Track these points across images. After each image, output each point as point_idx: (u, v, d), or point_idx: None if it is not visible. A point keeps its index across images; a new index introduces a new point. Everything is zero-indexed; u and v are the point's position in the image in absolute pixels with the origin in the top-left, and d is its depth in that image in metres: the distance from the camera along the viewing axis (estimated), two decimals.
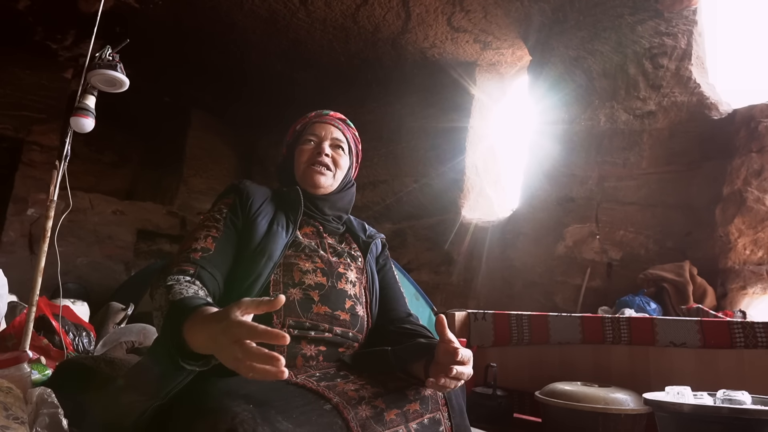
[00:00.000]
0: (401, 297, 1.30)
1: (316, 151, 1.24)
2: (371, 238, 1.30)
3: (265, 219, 1.13)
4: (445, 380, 0.90)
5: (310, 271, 1.11)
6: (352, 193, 1.31)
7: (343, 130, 1.29)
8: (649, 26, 3.72)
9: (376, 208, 5.50)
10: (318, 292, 1.09)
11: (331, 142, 1.26)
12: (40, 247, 2.07)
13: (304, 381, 0.94)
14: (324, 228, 1.23)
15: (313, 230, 1.21)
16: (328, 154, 1.23)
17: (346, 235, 1.29)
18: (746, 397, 1.30)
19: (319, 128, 1.27)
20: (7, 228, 5.15)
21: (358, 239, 1.28)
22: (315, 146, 1.24)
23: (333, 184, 1.25)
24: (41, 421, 1.20)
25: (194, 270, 0.98)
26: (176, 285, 0.92)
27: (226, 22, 4.81)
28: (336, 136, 1.27)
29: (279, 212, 1.16)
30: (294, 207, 1.18)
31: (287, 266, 1.10)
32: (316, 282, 1.10)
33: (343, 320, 1.10)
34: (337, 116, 1.32)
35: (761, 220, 3.05)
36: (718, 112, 3.41)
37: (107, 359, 1.60)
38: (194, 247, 1.04)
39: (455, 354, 0.90)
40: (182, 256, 1.02)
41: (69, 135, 2.12)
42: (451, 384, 0.90)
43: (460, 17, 4.47)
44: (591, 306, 3.51)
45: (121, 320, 3.30)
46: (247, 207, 1.13)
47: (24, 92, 5.33)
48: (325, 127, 1.27)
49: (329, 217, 1.25)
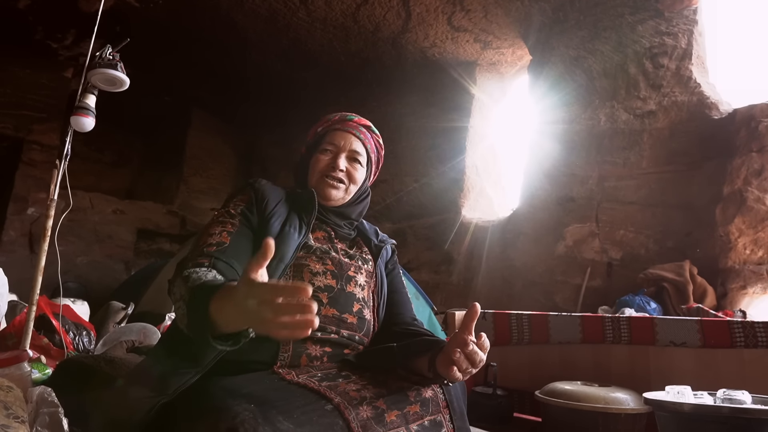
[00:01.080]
0: (408, 302, 1.30)
1: (331, 164, 1.21)
2: (383, 243, 1.29)
3: (279, 220, 1.12)
4: (460, 356, 0.89)
5: (320, 273, 1.11)
6: (365, 203, 1.29)
7: (364, 140, 1.26)
8: (650, 26, 3.71)
9: (377, 207, 5.50)
10: (327, 294, 1.09)
11: (349, 154, 1.23)
12: (40, 247, 2.07)
13: (306, 381, 0.94)
14: (336, 233, 1.22)
15: (325, 235, 1.20)
16: (342, 169, 1.21)
17: (357, 239, 1.28)
18: (746, 396, 1.30)
19: (339, 137, 1.23)
20: (8, 227, 5.15)
21: (370, 243, 1.27)
22: (331, 158, 1.22)
23: (345, 197, 1.23)
24: (41, 420, 1.20)
25: (209, 262, 0.97)
26: (193, 274, 0.91)
27: (226, 22, 4.80)
28: (355, 147, 1.23)
29: (292, 213, 1.15)
30: (308, 209, 1.17)
31: (297, 267, 1.10)
32: (325, 284, 1.10)
33: (351, 323, 1.10)
34: (362, 122, 1.28)
35: (761, 219, 3.05)
36: (718, 112, 3.41)
37: (107, 358, 1.61)
38: (209, 242, 1.03)
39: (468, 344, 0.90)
40: (197, 251, 1.01)
41: (69, 134, 2.11)
42: (463, 364, 0.89)
43: (460, 17, 4.47)
44: (591, 306, 3.51)
45: (121, 319, 3.30)
46: (262, 207, 1.12)
47: (24, 91, 5.33)
48: (345, 137, 1.23)
49: (342, 224, 1.24)
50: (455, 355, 0.89)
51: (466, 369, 0.91)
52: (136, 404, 0.91)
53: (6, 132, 5.25)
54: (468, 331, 0.92)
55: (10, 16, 4.75)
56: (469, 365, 0.90)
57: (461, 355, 0.89)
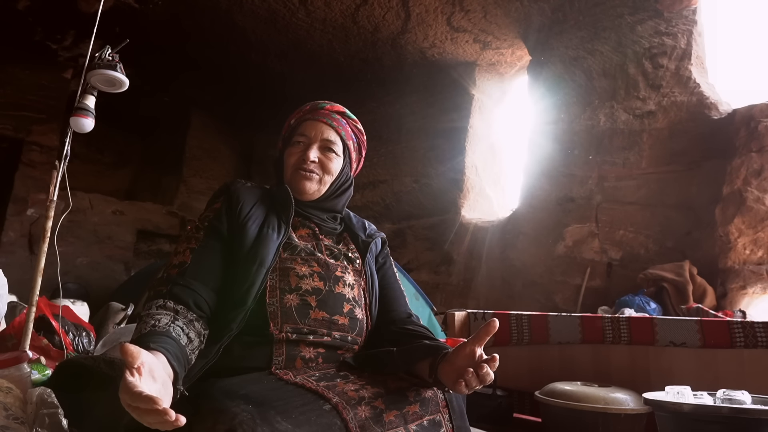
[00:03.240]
0: (402, 296, 1.27)
1: (302, 156, 1.17)
2: (371, 238, 1.25)
3: (256, 223, 1.09)
4: (472, 376, 0.87)
5: (306, 275, 1.08)
6: (347, 194, 1.24)
7: (337, 127, 1.20)
8: (649, 26, 3.72)
9: (376, 208, 5.50)
10: (315, 297, 1.07)
11: (321, 143, 1.18)
12: (39, 248, 2.07)
13: (303, 381, 0.94)
14: (320, 229, 1.19)
15: (309, 232, 1.18)
16: (314, 160, 1.17)
17: (344, 234, 1.25)
18: (746, 396, 1.30)
19: (310, 127, 1.19)
20: (7, 228, 5.15)
21: (357, 239, 1.23)
22: (303, 149, 1.18)
23: (320, 189, 1.19)
24: (41, 421, 1.20)
25: (167, 289, 0.98)
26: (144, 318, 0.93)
27: (226, 23, 4.80)
28: (327, 136, 1.18)
29: (270, 214, 1.13)
30: (285, 207, 1.14)
31: (283, 271, 1.08)
32: (313, 287, 1.08)
33: (342, 324, 1.08)
34: (335, 109, 1.23)
35: (761, 219, 3.05)
36: (717, 112, 3.41)
37: (107, 359, 1.60)
38: (173, 263, 1.04)
39: (475, 357, 0.89)
40: (163, 274, 1.03)
41: (69, 135, 2.11)
42: (473, 382, 0.87)
43: (459, 17, 4.47)
44: (591, 306, 3.51)
45: (121, 320, 3.30)
46: (237, 212, 1.10)
47: (24, 92, 5.33)
48: (317, 126, 1.19)
49: (325, 218, 1.22)
50: (467, 374, 0.87)
51: (475, 386, 0.89)
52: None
53: (5, 133, 5.25)
54: (480, 343, 0.91)
55: (10, 17, 4.75)
56: (479, 384, 0.89)
57: (473, 376, 0.87)
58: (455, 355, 0.93)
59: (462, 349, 0.92)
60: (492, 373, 0.89)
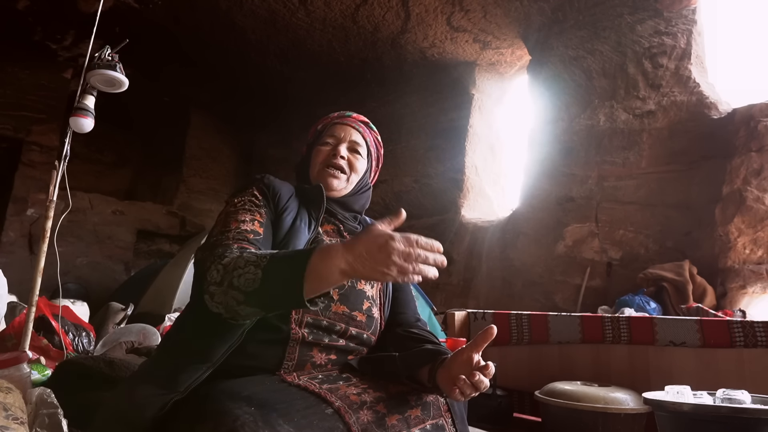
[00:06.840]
0: (412, 300, 1.29)
1: (332, 153, 1.22)
2: None
3: (290, 215, 1.11)
4: (465, 383, 0.88)
5: None
6: (366, 196, 1.29)
7: (363, 133, 1.28)
8: (649, 26, 3.72)
9: (376, 208, 5.50)
10: (338, 291, 1.08)
11: (349, 144, 1.24)
12: (39, 248, 2.07)
13: (306, 383, 0.94)
14: (344, 227, 1.22)
15: (334, 228, 1.20)
16: (344, 156, 1.22)
17: None
18: (746, 396, 1.30)
19: (339, 129, 1.25)
20: (7, 228, 5.15)
21: None
22: (332, 148, 1.23)
23: (346, 187, 1.23)
24: (41, 422, 1.20)
25: (255, 248, 0.96)
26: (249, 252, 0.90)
27: (226, 23, 4.81)
28: (355, 138, 1.25)
29: (302, 209, 1.15)
30: (316, 204, 1.17)
31: None
32: None
33: (360, 321, 1.09)
34: (360, 119, 1.30)
35: (761, 219, 3.05)
36: (717, 112, 3.41)
37: (107, 359, 1.60)
38: (243, 228, 1.00)
39: (472, 363, 0.89)
40: (231, 234, 0.98)
41: (68, 135, 2.11)
42: (467, 390, 0.88)
43: (459, 17, 4.47)
44: (591, 305, 3.51)
45: (121, 320, 3.30)
46: (276, 201, 1.12)
47: (24, 92, 5.34)
48: (345, 129, 1.25)
49: (347, 215, 1.24)
50: (459, 381, 0.88)
51: (469, 394, 0.90)
52: (146, 402, 0.90)
53: (5, 133, 5.25)
54: (477, 349, 0.92)
55: (10, 17, 4.75)
56: (473, 391, 0.89)
57: (466, 382, 0.88)
58: (453, 361, 0.94)
59: (459, 355, 0.93)
60: (486, 380, 0.89)
